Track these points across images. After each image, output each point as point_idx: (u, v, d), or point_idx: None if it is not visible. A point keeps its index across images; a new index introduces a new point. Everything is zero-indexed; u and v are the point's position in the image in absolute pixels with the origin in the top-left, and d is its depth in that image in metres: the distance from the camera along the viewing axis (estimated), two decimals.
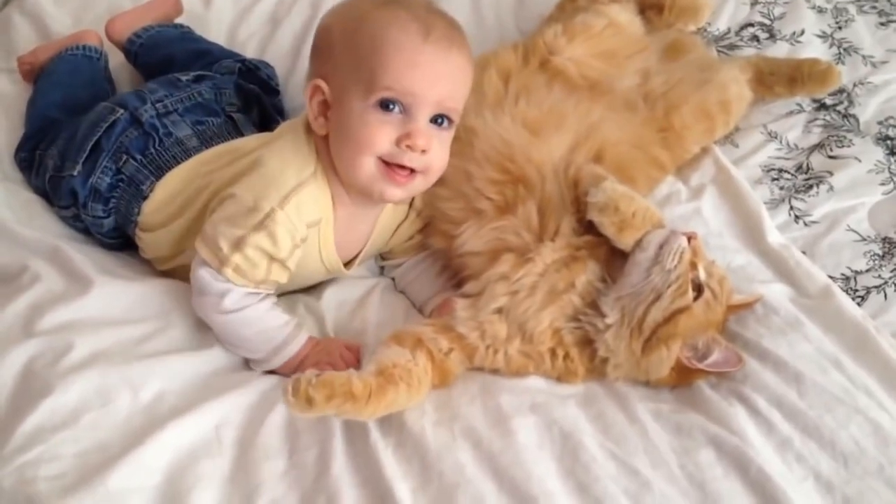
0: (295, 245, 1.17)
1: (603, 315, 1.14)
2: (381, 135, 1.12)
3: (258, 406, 1.12)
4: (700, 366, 1.14)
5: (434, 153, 1.15)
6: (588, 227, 1.21)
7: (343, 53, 1.14)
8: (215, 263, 1.14)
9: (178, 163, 1.30)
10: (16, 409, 1.04)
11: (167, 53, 1.59)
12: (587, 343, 1.16)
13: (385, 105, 1.12)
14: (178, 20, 1.71)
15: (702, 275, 1.14)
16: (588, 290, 1.17)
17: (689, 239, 1.15)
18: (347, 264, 1.30)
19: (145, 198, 1.29)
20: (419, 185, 1.19)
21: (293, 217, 1.15)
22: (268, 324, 1.19)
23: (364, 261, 1.35)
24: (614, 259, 1.19)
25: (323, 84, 1.15)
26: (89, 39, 1.62)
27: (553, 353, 1.17)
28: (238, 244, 1.14)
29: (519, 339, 1.17)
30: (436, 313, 1.28)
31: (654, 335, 1.12)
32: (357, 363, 1.19)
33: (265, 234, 1.14)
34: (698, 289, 1.13)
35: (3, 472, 0.98)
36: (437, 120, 1.15)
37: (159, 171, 1.30)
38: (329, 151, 1.18)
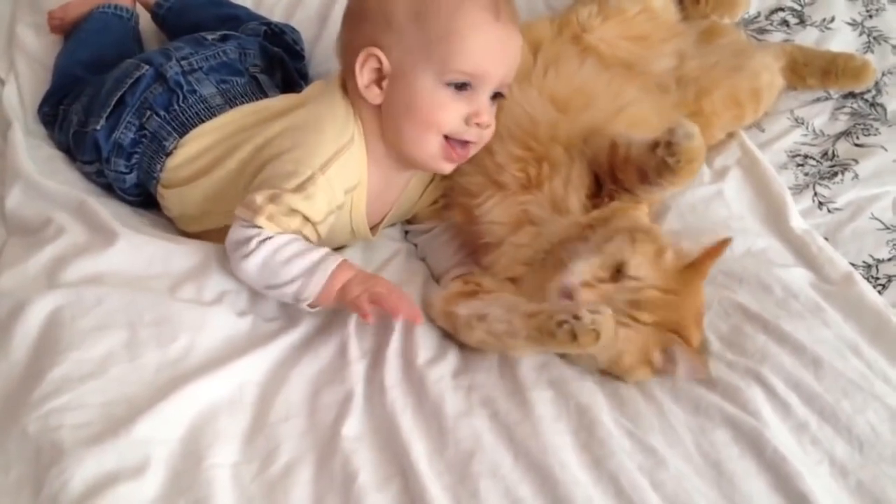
0: (330, 211, 1.17)
1: None
2: (454, 114, 1.15)
3: (282, 362, 1.13)
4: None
5: (492, 126, 1.19)
6: (594, 201, 1.22)
7: (410, 29, 1.14)
8: (248, 214, 1.13)
9: (202, 120, 1.30)
10: (43, 357, 1.05)
11: (195, 19, 1.58)
12: None
13: (459, 85, 1.14)
14: None
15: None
16: None
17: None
18: (372, 229, 1.30)
19: (168, 154, 1.29)
20: (470, 155, 1.22)
21: (334, 182, 1.15)
22: (295, 249, 1.12)
23: (388, 225, 1.35)
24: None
25: (380, 53, 1.15)
26: None
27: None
28: (273, 198, 1.13)
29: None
30: None
31: None
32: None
33: (303, 196, 1.13)
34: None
35: (29, 417, 0.99)
36: (493, 94, 1.18)
37: (183, 128, 1.30)
38: (371, 116, 1.19)
